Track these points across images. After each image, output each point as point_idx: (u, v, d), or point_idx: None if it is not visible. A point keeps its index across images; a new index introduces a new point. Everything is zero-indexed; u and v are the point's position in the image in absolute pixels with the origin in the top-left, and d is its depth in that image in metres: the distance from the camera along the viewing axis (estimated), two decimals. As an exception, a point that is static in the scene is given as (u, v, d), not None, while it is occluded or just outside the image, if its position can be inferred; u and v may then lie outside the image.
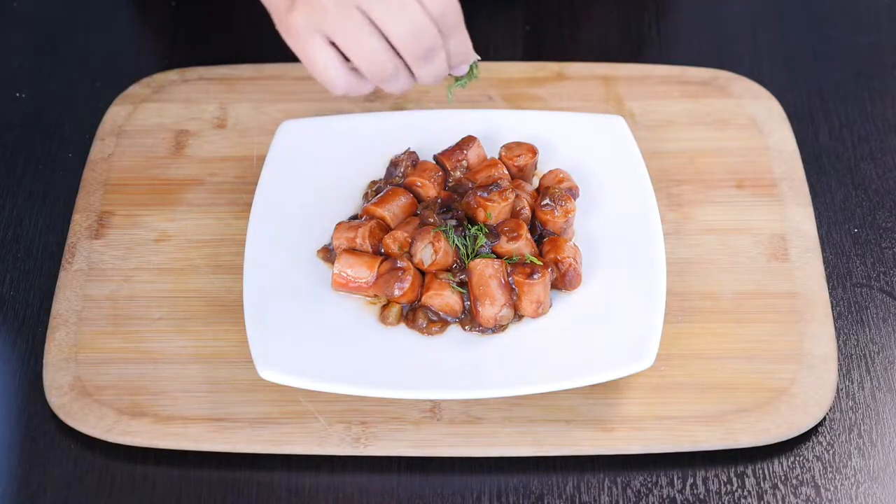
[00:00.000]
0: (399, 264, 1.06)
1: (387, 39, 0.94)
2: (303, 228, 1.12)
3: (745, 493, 1.02)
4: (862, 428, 1.05)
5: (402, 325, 1.07)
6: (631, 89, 1.25)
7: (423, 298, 1.06)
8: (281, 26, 0.95)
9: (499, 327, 1.06)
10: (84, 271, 1.12)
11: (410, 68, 0.95)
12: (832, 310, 1.11)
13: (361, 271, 1.07)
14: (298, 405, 1.04)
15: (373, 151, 1.17)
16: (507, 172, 1.13)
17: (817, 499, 1.01)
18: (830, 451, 1.04)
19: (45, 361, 1.07)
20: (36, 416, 1.06)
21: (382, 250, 1.09)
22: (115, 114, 1.24)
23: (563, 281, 1.08)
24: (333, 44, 0.95)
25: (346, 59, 0.96)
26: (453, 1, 0.94)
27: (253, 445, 1.02)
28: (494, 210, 1.08)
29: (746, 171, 1.19)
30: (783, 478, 1.02)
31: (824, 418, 1.05)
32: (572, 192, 1.12)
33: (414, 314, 1.07)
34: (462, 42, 0.96)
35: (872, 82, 1.28)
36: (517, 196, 1.10)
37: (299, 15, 0.92)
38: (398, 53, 0.95)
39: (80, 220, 1.16)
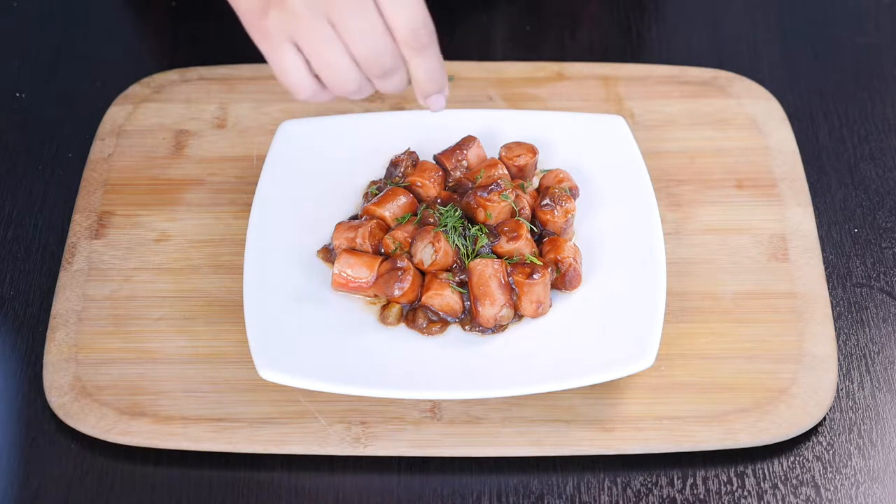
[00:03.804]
0: (399, 264, 1.06)
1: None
2: (303, 228, 1.12)
3: (745, 493, 1.02)
4: (862, 428, 1.05)
5: (402, 325, 1.07)
6: (631, 89, 1.25)
7: (423, 298, 1.07)
8: (252, 30, 0.97)
9: (499, 327, 1.06)
10: (84, 271, 1.12)
11: (371, 80, 0.98)
12: (832, 310, 1.11)
13: (361, 271, 1.07)
14: (298, 405, 1.04)
15: (373, 151, 1.17)
16: (506, 172, 1.13)
17: (817, 499, 1.01)
18: (830, 451, 1.04)
19: (45, 361, 1.07)
20: (36, 416, 1.06)
21: (382, 250, 1.09)
22: (115, 114, 1.24)
23: (563, 281, 1.08)
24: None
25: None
26: (425, 21, 0.95)
27: (253, 445, 1.02)
28: (494, 210, 1.08)
29: (746, 171, 1.19)
30: (783, 478, 1.02)
31: (824, 418, 1.05)
32: (572, 192, 1.12)
33: (414, 314, 1.07)
34: (432, 67, 0.98)
35: (872, 82, 1.28)
36: (517, 196, 1.10)
37: (272, 20, 0.94)
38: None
39: (80, 220, 1.16)
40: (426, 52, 0.97)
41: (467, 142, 1.15)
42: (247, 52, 1.29)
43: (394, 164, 1.15)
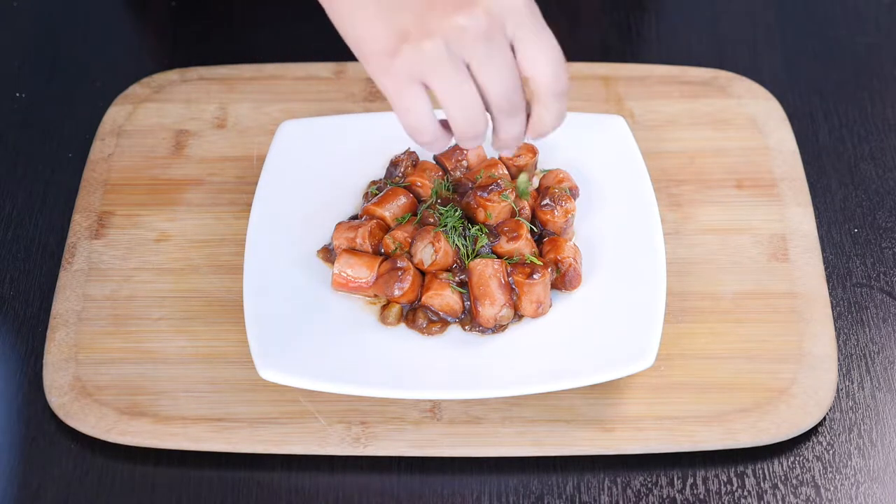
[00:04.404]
0: (399, 264, 1.06)
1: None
2: (303, 228, 1.12)
3: (745, 493, 1.02)
4: (862, 428, 1.05)
5: (402, 325, 1.07)
6: (631, 89, 1.25)
7: (423, 298, 1.07)
8: (376, 68, 0.94)
9: (499, 327, 1.06)
10: (84, 271, 1.12)
11: (494, 121, 0.96)
12: (832, 310, 1.11)
13: (361, 271, 1.07)
14: (298, 405, 1.04)
15: (373, 151, 1.17)
16: (507, 172, 1.13)
17: (817, 499, 1.01)
18: (830, 451, 1.04)
19: (45, 361, 1.07)
20: (36, 416, 1.06)
21: (382, 250, 1.09)
22: (115, 114, 1.24)
23: (563, 281, 1.08)
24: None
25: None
26: (564, 63, 0.94)
27: (253, 445, 1.02)
28: (494, 210, 1.08)
29: (746, 171, 1.19)
30: (783, 478, 1.02)
31: (824, 418, 1.05)
32: (572, 192, 1.12)
33: (414, 314, 1.07)
34: (564, 110, 0.96)
35: (872, 82, 1.28)
36: (517, 196, 1.10)
37: (404, 60, 0.92)
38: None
39: (80, 220, 1.16)
40: (565, 96, 0.95)
41: (467, 142, 1.14)
42: (247, 53, 1.29)
43: (394, 164, 1.15)
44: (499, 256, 1.08)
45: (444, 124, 0.97)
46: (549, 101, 0.95)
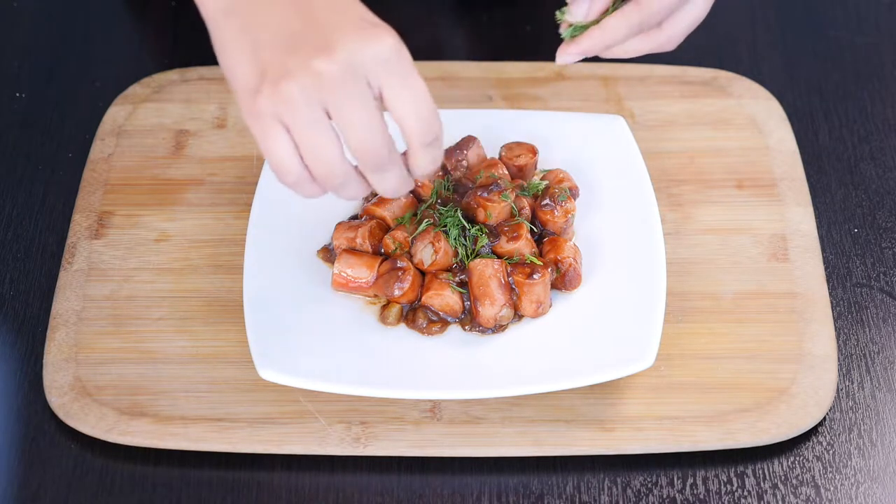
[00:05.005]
0: (399, 264, 1.06)
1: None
2: (303, 228, 1.12)
3: (745, 493, 1.02)
4: (862, 428, 1.05)
5: (402, 325, 1.07)
6: (631, 89, 1.25)
7: (423, 298, 1.07)
8: (244, 106, 0.92)
9: (499, 327, 1.06)
10: (84, 271, 1.12)
11: (365, 175, 0.94)
12: (832, 310, 1.11)
13: (361, 271, 1.07)
14: (298, 405, 1.04)
15: (373, 151, 1.16)
16: (506, 172, 1.13)
17: (817, 499, 1.01)
18: (830, 451, 1.04)
19: (45, 361, 1.07)
20: (36, 416, 1.06)
21: (382, 250, 1.09)
22: (115, 114, 1.24)
23: (563, 281, 1.08)
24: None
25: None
26: (435, 112, 0.92)
27: (253, 445, 1.02)
28: (494, 210, 1.08)
29: (746, 171, 1.19)
30: (783, 478, 1.02)
31: (824, 418, 1.05)
32: (572, 192, 1.12)
33: (414, 314, 1.07)
34: (440, 155, 0.94)
35: (872, 82, 1.28)
36: (517, 196, 1.10)
37: (264, 101, 0.90)
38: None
39: (80, 220, 1.16)
40: (437, 143, 0.93)
41: (467, 142, 1.14)
42: (247, 52, 1.29)
43: (394, 164, 1.14)
44: (499, 256, 1.08)
45: None
46: (418, 151, 0.92)
